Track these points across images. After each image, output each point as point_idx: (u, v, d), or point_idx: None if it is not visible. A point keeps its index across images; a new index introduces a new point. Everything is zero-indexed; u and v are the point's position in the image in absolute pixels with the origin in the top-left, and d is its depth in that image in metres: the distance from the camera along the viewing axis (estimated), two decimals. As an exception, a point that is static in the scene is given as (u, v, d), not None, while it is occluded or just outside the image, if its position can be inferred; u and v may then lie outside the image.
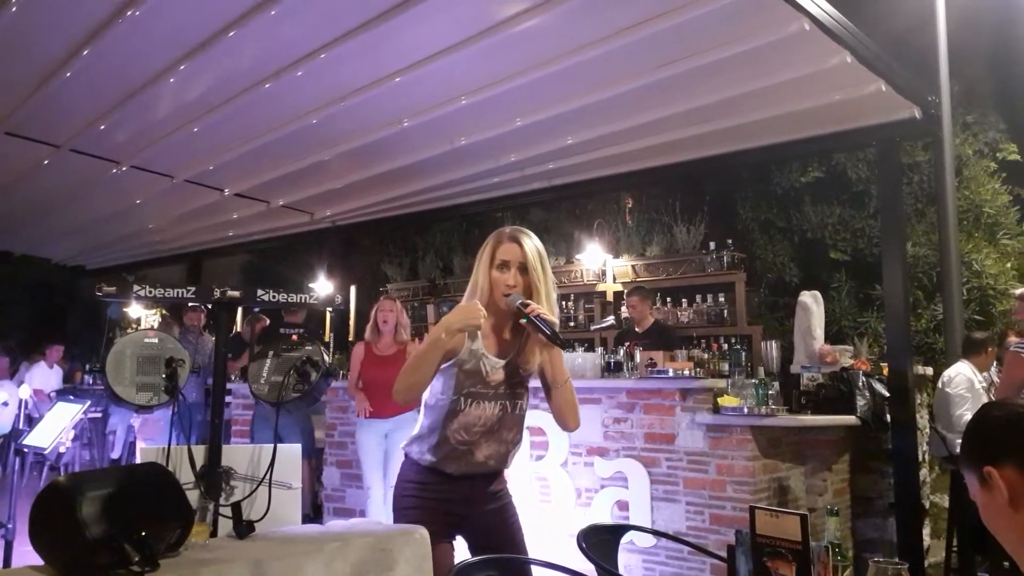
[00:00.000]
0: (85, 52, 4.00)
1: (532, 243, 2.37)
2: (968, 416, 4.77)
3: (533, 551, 2.61)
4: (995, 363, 5.42)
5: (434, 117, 4.80)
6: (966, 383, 4.99)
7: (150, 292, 2.52)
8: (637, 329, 6.24)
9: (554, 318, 2.31)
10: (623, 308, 7.37)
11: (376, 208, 6.97)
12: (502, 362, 2.40)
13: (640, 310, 6.30)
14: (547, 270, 2.39)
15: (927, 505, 5.24)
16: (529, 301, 2.29)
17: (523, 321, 2.28)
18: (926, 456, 5.32)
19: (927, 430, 5.34)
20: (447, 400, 2.37)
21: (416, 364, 2.30)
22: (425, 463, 2.41)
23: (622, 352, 5.08)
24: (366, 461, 5.23)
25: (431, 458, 2.40)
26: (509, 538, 2.50)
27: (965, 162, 8.12)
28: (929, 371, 5.80)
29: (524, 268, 2.34)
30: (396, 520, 2.46)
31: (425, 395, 2.42)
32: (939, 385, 5.18)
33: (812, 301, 5.41)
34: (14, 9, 3.61)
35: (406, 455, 2.49)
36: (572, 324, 8.70)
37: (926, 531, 5.09)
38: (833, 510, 2.14)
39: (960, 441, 1.55)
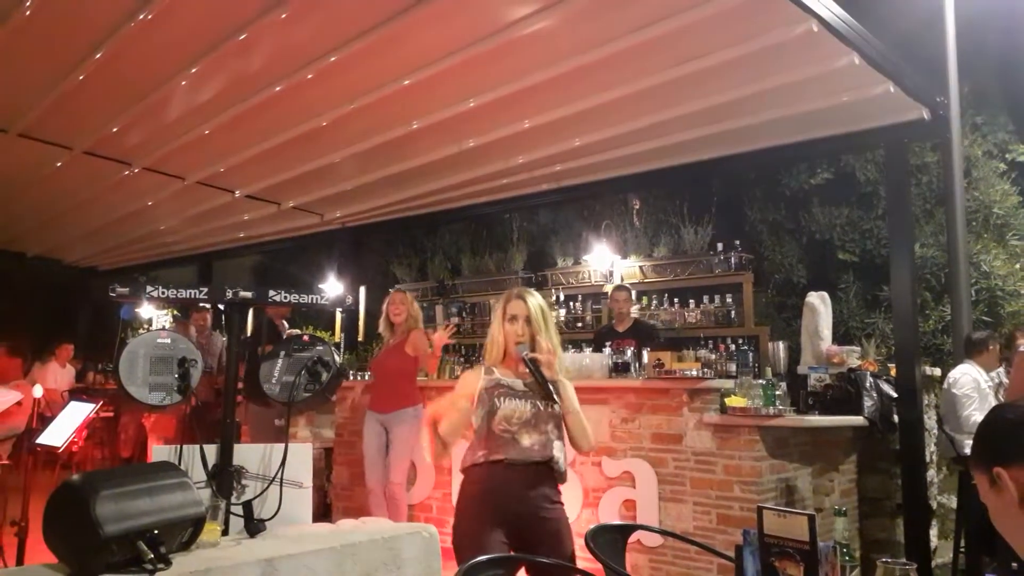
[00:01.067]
0: (98, 55, 4.04)
1: (535, 300, 2.86)
2: (976, 416, 4.76)
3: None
4: (1004, 364, 5.41)
5: (443, 119, 4.82)
6: (971, 383, 4.97)
7: (162, 293, 2.55)
8: (618, 328, 6.24)
9: (553, 359, 2.74)
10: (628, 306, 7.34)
11: (385, 210, 7.00)
12: (519, 380, 2.76)
13: (628, 307, 6.32)
14: (548, 321, 2.85)
15: (935, 506, 5.23)
16: (534, 355, 2.71)
17: (527, 369, 2.72)
18: (934, 457, 5.31)
19: (935, 431, 5.33)
20: (486, 407, 2.70)
21: (446, 428, 2.73)
22: (480, 461, 2.65)
23: (629, 353, 5.08)
24: (367, 455, 5.23)
25: (483, 451, 2.65)
26: (560, 555, 2.62)
27: (974, 163, 8.08)
28: (937, 372, 5.78)
29: (528, 320, 2.79)
30: (456, 527, 2.63)
31: (473, 420, 2.76)
32: (944, 387, 5.16)
33: (819, 302, 5.40)
34: (28, 13, 3.65)
35: (463, 470, 2.74)
36: (580, 325, 8.70)
37: (934, 532, 5.08)
38: (841, 510, 2.15)
39: (969, 442, 1.55)
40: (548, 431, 2.69)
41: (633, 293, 6.75)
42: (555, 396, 2.68)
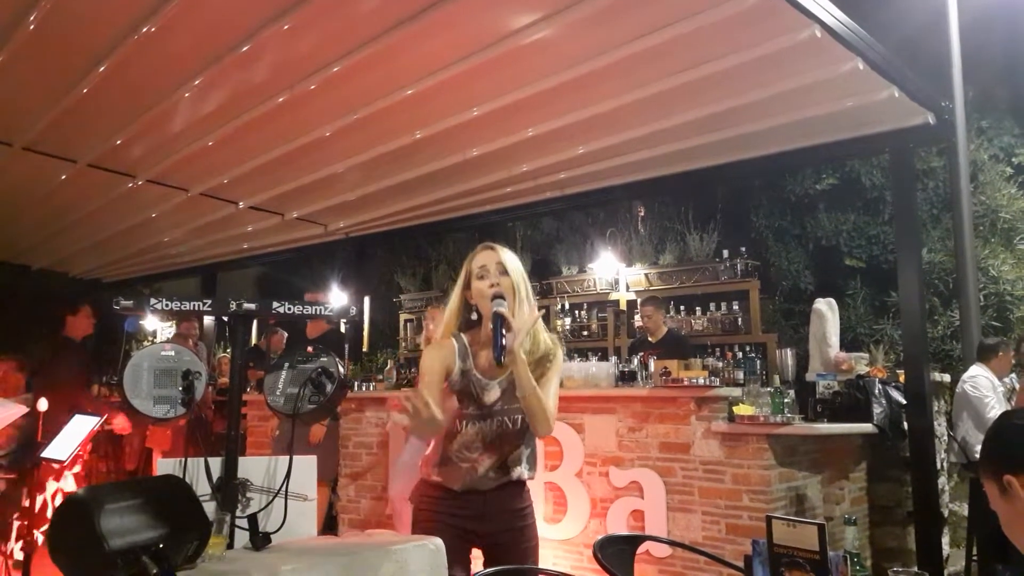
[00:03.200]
0: (101, 69, 4.05)
1: (507, 250, 2.48)
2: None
3: (549, 562, 2.61)
4: (1018, 370, 5.39)
5: (446, 128, 4.82)
6: (987, 384, 4.97)
7: (166, 305, 2.54)
8: (651, 339, 6.23)
9: (520, 337, 2.26)
10: (635, 317, 7.36)
11: (389, 219, 7.00)
12: (495, 381, 2.44)
13: (655, 320, 6.30)
14: (524, 276, 2.45)
15: (946, 513, 5.20)
16: (504, 311, 2.27)
17: (491, 326, 2.28)
18: (944, 464, 5.27)
19: (945, 438, 5.30)
20: (446, 421, 2.39)
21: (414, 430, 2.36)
22: (433, 481, 2.50)
23: (636, 361, 5.07)
24: (397, 463, 5.24)
25: (437, 478, 2.48)
26: (517, 561, 2.50)
27: (980, 167, 8.08)
28: (946, 378, 5.76)
29: (504, 270, 2.42)
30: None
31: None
32: (959, 390, 5.13)
33: (827, 308, 5.38)
34: (32, 27, 3.66)
35: (421, 475, 2.56)
36: (586, 334, 8.69)
37: (945, 540, 5.04)
38: (851, 519, 2.13)
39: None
40: (510, 453, 2.45)
41: (661, 303, 6.70)
42: (500, 361, 2.24)
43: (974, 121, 7.96)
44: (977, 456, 4.64)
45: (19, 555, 4.36)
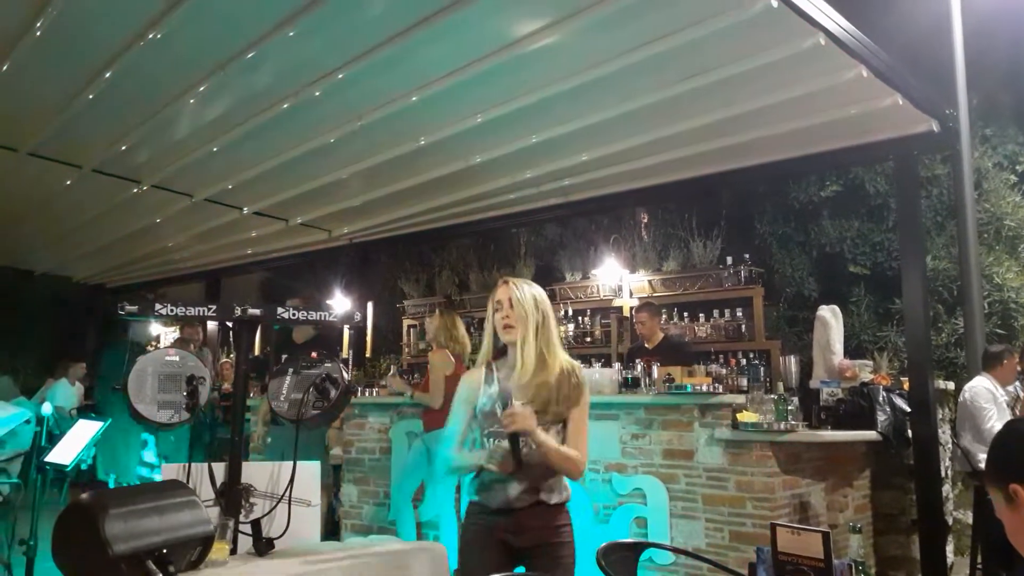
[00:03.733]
0: (107, 74, 4.06)
1: (522, 283, 2.63)
2: (998, 427, 4.71)
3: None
4: (1022, 378, 5.38)
5: (450, 134, 4.83)
6: (987, 394, 4.95)
7: (171, 310, 2.55)
8: (648, 345, 6.21)
9: (527, 420, 2.40)
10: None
11: (393, 225, 7.01)
12: (518, 403, 2.49)
13: (649, 326, 6.27)
14: (540, 307, 2.59)
15: (951, 521, 5.17)
16: (514, 425, 2.38)
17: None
18: (948, 472, 5.25)
19: (949, 445, 5.28)
20: (482, 436, 2.60)
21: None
22: (474, 499, 2.60)
23: (639, 368, 5.06)
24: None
25: (475, 496, 2.58)
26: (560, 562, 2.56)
27: (984, 175, 8.06)
28: (951, 386, 5.74)
29: (511, 303, 2.56)
30: (460, 550, 2.60)
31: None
32: (960, 400, 5.12)
33: (831, 315, 5.37)
34: (38, 33, 3.68)
35: (469, 496, 2.68)
36: (589, 340, 8.68)
37: (950, 548, 5.03)
38: (855, 527, 2.12)
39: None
40: (538, 475, 2.53)
41: (656, 309, 6.68)
42: (518, 460, 2.42)
43: (978, 129, 7.95)
44: (980, 465, 4.63)
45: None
